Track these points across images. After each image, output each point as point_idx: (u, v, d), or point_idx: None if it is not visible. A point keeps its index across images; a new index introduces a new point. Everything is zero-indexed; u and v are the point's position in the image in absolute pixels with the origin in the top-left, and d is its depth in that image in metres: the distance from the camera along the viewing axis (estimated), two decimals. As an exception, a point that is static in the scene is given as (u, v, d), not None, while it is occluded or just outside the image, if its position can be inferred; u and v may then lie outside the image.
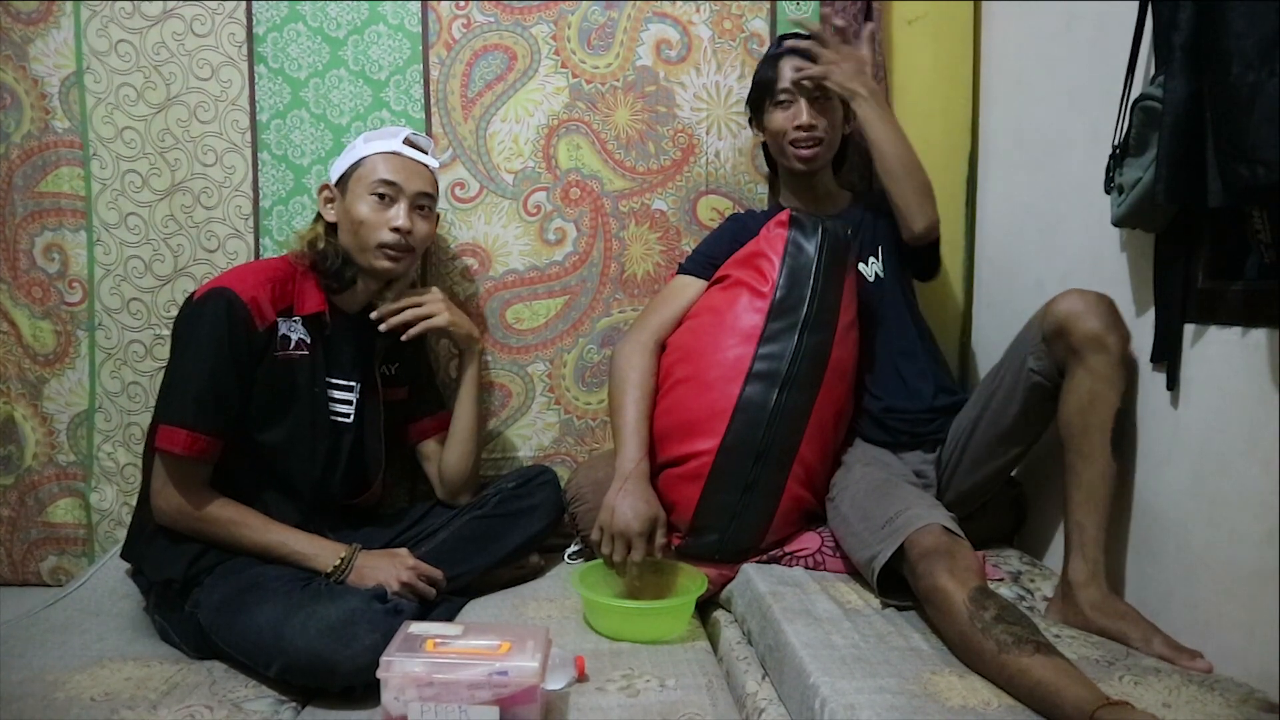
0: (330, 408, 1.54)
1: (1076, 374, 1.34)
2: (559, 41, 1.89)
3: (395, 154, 1.56)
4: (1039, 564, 1.55)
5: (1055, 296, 1.38)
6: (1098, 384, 1.32)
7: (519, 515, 1.63)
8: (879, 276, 1.75)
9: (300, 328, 1.49)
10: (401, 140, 1.57)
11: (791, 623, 1.27)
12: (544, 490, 1.69)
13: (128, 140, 1.86)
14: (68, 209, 1.89)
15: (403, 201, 1.53)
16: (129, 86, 1.85)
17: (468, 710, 1.04)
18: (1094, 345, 1.32)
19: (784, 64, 1.70)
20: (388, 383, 1.65)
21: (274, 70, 1.86)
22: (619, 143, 1.91)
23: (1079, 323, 1.32)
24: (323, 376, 1.52)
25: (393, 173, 1.53)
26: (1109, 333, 1.31)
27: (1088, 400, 1.33)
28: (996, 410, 1.49)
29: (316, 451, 1.50)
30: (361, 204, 1.52)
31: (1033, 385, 1.42)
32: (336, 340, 1.55)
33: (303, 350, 1.48)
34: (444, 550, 1.54)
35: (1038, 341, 1.40)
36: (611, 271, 1.93)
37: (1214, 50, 1.06)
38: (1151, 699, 1.04)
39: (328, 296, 1.54)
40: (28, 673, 1.20)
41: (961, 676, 1.11)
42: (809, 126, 1.67)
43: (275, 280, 1.47)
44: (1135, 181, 1.26)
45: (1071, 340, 1.33)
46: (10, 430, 1.94)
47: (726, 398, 1.52)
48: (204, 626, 1.28)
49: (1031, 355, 1.41)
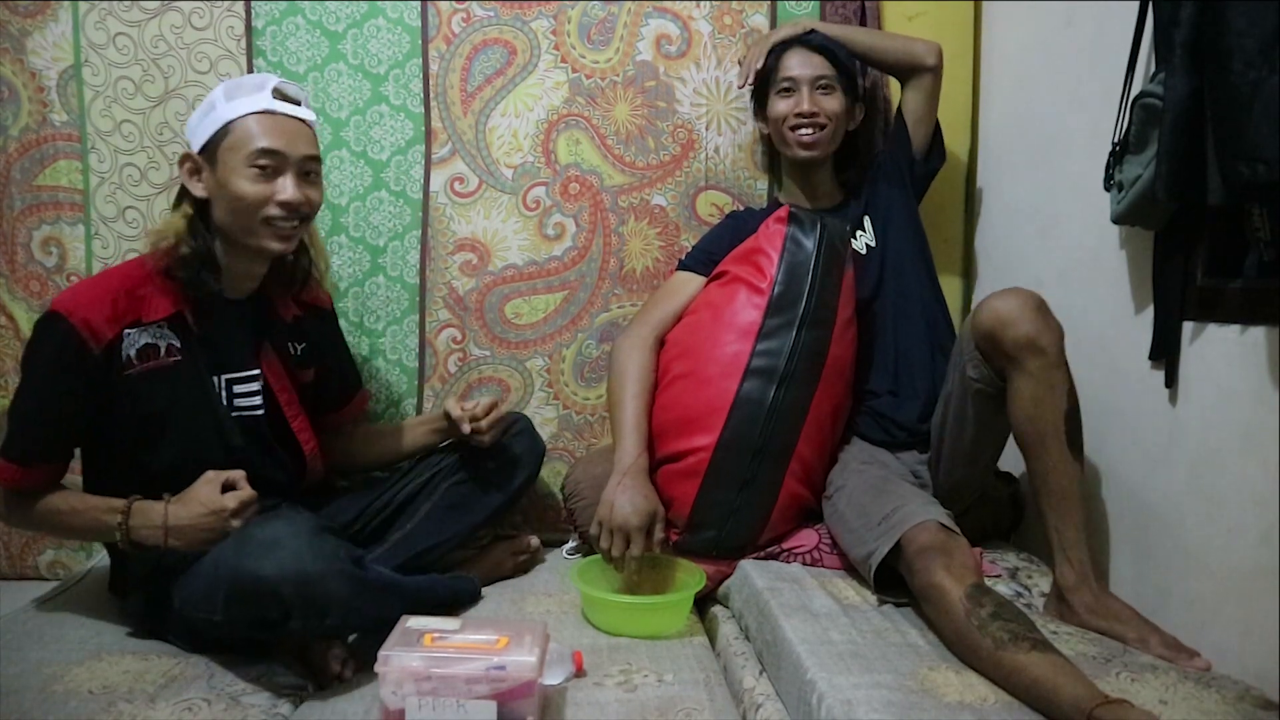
0: (233, 403, 1.40)
1: (1016, 381, 1.31)
2: (559, 36, 1.89)
3: (269, 113, 1.33)
4: (1036, 560, 1.55)
5: (983, 300, 1.35)
6: (1039, 389, 1.29)
7: (497, 472, 1.60)
8: (870, 247, 1.75)
9: (164, 333, 1.33)
10: (271, 93, 1.34)
11: (789, 618, 1.27)
12: (521, 440, 1.65)
13: (126, 134, 1.86)
14: (66, 202, 1.89)
15: (288, 171, 1.33)
16: (127, 80, 1.85)
17: (465, 705, 1.04)
18: (1028, 350, 1.28)
19: (787, 55, 1.72)
20: (297, 363, 1.51)
21: (273, 64, 1.86)
22: (618, 138, 1.91)
23: (1010, 329, 1.29)
24: (209, 375, 1.37)
25: (272, 138, 1.31)
26: (1041, 334, 1.28)
27: (1033, 406, 1.30)
28: (954, 420, 1.47)
29: (226, 455, 1.35)
30: (238, 179, 1.31)
31: (976, 393, 1.39)
32: (223, 331, 1.39)
33: (173, 356, 1.33)
34: (430, 523, 1.53)
35: (972, 349, 1.38)
36: (610, 267, 1.93)
37: (1215, 47, 1.06)
38: (1148, 696, 1.05)
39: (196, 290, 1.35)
40: (26, 666, 1.20)
41: (958, 672, 1.11)
42: (810, 113, 1.68)
43: (119, 291, 1.31)
44: (1135, 179, 1.26)
45: (1004, 347, 1.30)
46: (8, 424, 1.93)
47: (724, 394, 1.52)
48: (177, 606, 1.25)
49: (969, 364, 1.39)
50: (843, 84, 1.72)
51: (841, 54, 1.72)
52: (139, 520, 1.26)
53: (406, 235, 1.90)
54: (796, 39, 1.73)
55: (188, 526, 1.24)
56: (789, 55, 1.72)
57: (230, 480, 1.28)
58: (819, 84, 1.70)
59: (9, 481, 1.31)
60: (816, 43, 1.72)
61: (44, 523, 1.35)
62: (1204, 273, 1.24)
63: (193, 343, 1.36)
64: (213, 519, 1.23)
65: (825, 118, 1.70)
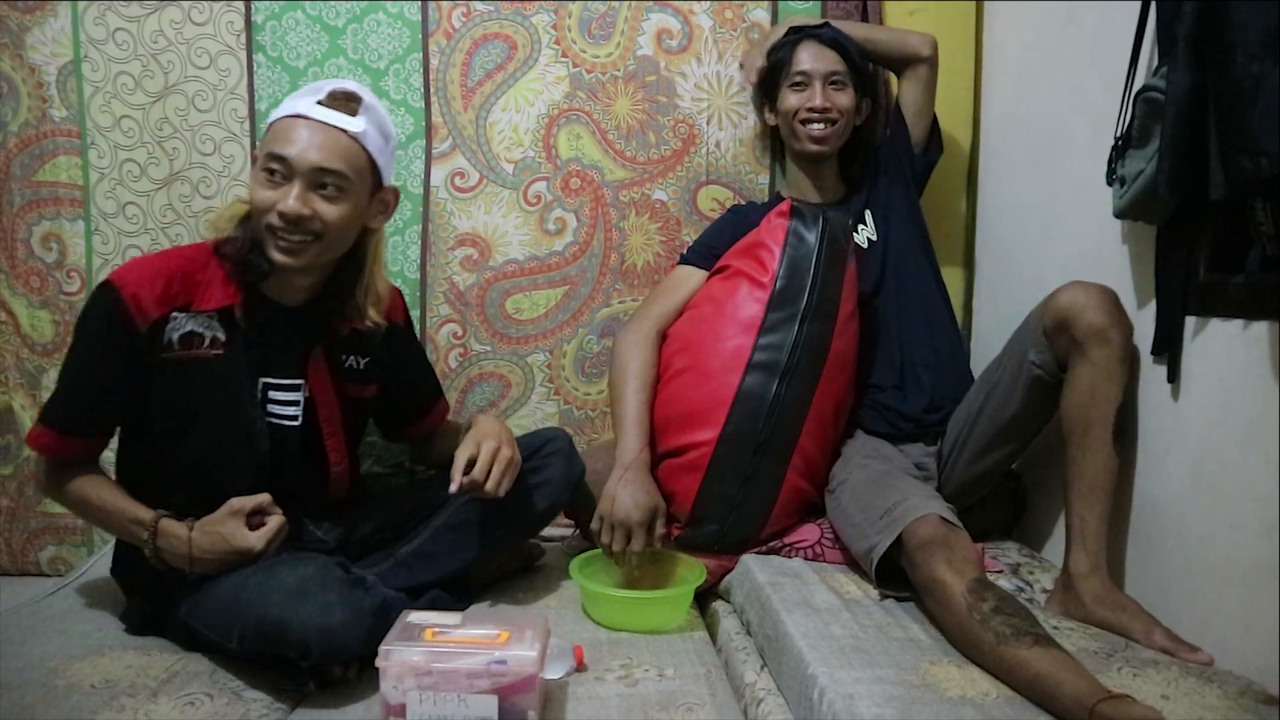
0: (267, 409, 1.35)
1: (1079, 367, 1.34)
2: (559, 31, 1.89)
3: (301, 117, 1.26)
4: (1038, 556, 1.55)
5: (1057, 289, 1.37)
6: (1099, 378, 1.32)
7: (526, 493, 1.46)
8: (872, 241, 1.75)
9: (213, 325, 1.30)
10: (317, 99, 1.28)
11: (790, 613, 1.27)
12: (555, 461, 1.49)
13: (126, 129, 1.86)
14: (65, 198, 1.89)
15: (296, 180, 1.25)
16: (127, 75, 1.85)
17: (466, 699, 1.04)
18: (1097, 339, 1.31)
19: (801, 48, 1.73)
20: (352, 377, 1.45)
21: (272, 59, 1.86)
22: (619, 133, 1.91)
23: (1082, 316, 1.32)
24: (248, 377, 1.33)
25: (286, 144, 1.25)
26: (1112, 326, 1.31)
27: (1089, 394, 1.32)
28: (997, 404, 1.49)
29: (251, 459, 1.33)
30: (254, 181, 1.28)
31: (1033, 379, 1.42)
32: (270, 336, 1.34)
33: (216, 350, 1.30)
34: (439, 538, 1.44)
35: (1039, 334, 1.40)
36: (612, 262, 1.93)
37: (1217, 41, 1.06)
38: (1150, 691, 1.04)
39: (250, 288, 1.32)
40: (28, 660, 1.20)
41: (960, 667, 1.11)
42: (823, 108, 1.69)
43: (175, 273, 1.29)
44: (1137, 174, 1.26)
45: (1074, 333, 1.33)
46: (9, 419, 1.94)
47: (726, 388, 1.52)
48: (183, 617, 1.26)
49: (1033, 348, 1.41)
50: (854, 80, 1.72)
51: (853, 50, 1.73)
52: (165, 543, 1.24)
53: (407, 230, 1.89)
54: (810, 33, 1.74)
55: (212, 560, 1.23)
56: (802, 49, 1.72)
57: (257, 506, 1.25)
58: (832, 79, 1.70)
59: (46, 449, 1.30)
60: (829, 37, 1.72)
61: (74, 507, 1.33)
62: (1206, 268, 1.24)
63: (238, 340, 1.32)
64: (237, 558, 1.22)
65: (837, 113, 1.70)
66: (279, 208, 1.24)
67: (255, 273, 1.30)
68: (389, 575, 1.38)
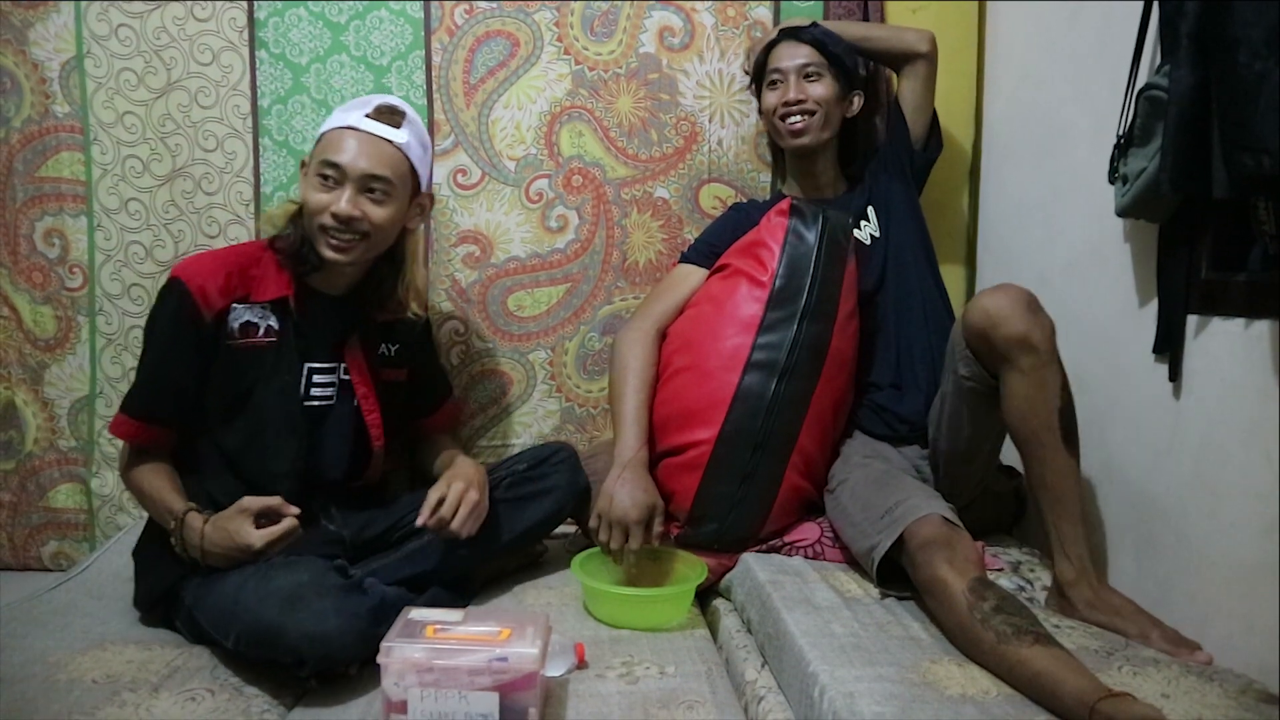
0: (310, 392, 1.45)
1: (1009, 379, 1.31)
2: (562, 28, 1.89)
3: (351, 129, 1.40)
4: (1038, 554, 1.54)
5: (972, 300, 1.35)
6: (1031, 387, 1.29)
7: (530, 499, 1.55)
8: (874, 238, 1.76)
9: (267, 314, 1.41)
10: (365, 113, 1.41)
11: (791, 611, 1.27)
12: (560, 471, 1.58)
13: (128, 125, 1.86)
14: (68, 194, 1.89)
15: (348, 185, 1.38)
16: (129, 71, 1.85)
17: (467, 696, 1.04)
18: (1020, 348, 1.28)
19: (777, 47, 1.74)
20: (386, 363, 1.56)
21: (275, 55, 1.86)
22: (621, 130, 1.91)
23: (1000, 328, 1.29)
24: (295, 363, 1.43)
25: (339, 153, 1.38)
26: (1032, 331, 1.27)
27: (1026, 404, 1.30)
28: (950, 419, 1.47)
29: (290, 440, 1.42)
30: (308, 186, 1.41)
31: (969, 391, 1.40)
32: (312, 324, 1.45)
33: (270, 338, 1.41)
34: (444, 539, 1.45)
35: (963, 348, 1.38)
36: (613, 259, 1.93)
37: (1220, 39, 1.06)
38: (1150, 690, 1.04)
39: (300, 280, 1.44)
40: (30, 654, 1.21)
41: (960, 665, 1.11)
42: (797, 100, 1.70)
43: (235, 267, 1.40)
44: (1139, 172, 1.25)
45: (996, 346, 1.30)
46: (11, 415, 1.94)
47: (725, 387, 1.52)
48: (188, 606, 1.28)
49: (960, 363, 1.39)
50: (833, 71, 1.72)
51: (831, 43, 1.72)
52: (186, 534, 1.29)
53: (409, 227, 1.89)
54: (787, 32, 1.75)
55: (219, 554, 1.27)
56: (777, 49, 1.75)
57: (266, 507, 1.28)
58: (805, 72, 1.71)
59: (128, 436, 1.38)
60: (804, 36, 1.73)
61: (134, 492, 1.41)
62: (1208, 266, 1.24)
63: (289, 329, 1.42)
64: (239, 554, 1.25)
65: (813, 104, 1.70)
66: (333, 209, 1.37)
67: (307, 265, 1.42)
68: (394, 567, 1.42)
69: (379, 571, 1.37)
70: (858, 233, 1.73)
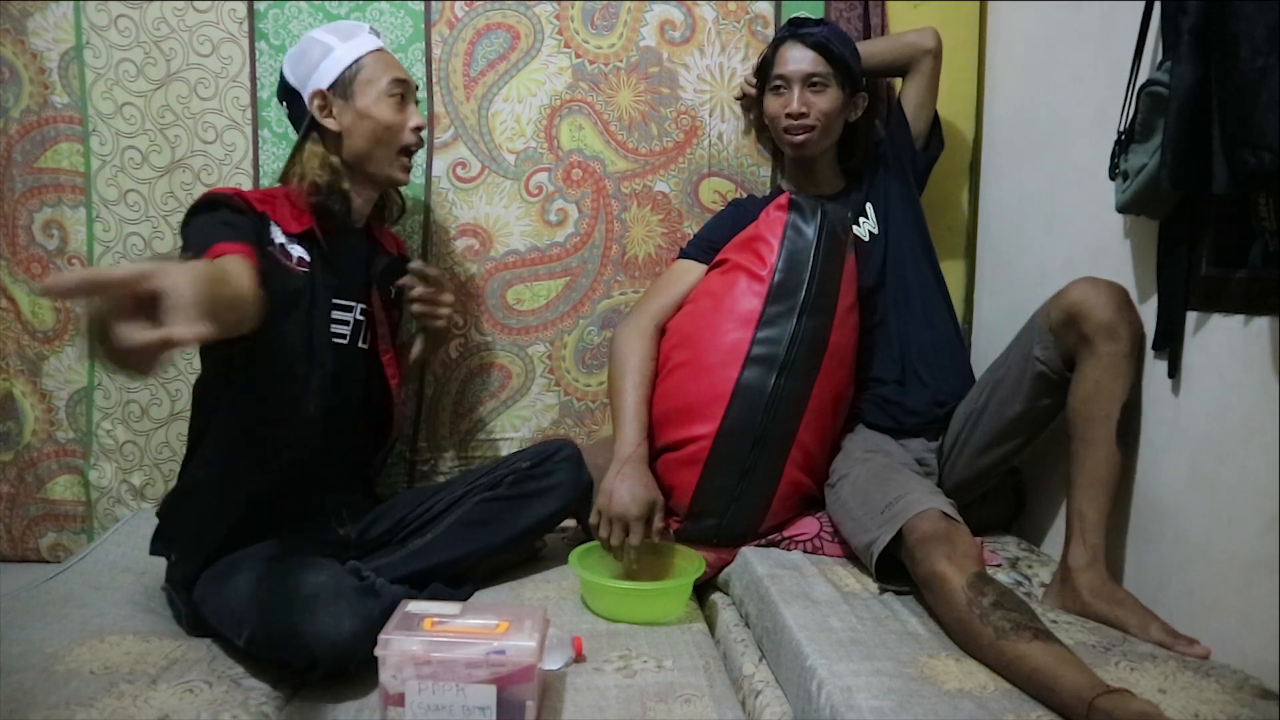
0: (332, 329, 1.44)
1: (1086, 363, 1.34)
2: (562, 21, 1.88)
3: (383, 50, 1.50)
4: (1037, 550, 1.55)
5: (1068, 284, 1.37)
6: (1105, 374, 1.32)
7: (532, 496, 1.53)
8: (873, 234, 1.75)
9: (297, 245, 1.40)
10: (373, 36, 1.50)
11: (789, 605, 1.28)
12: (563, 469, 1.55)
13: (128, 116, 1.85)
14: (67, 185, 1.88)
15: (410, 100, 1.48)
16: (129, 62, 1.84)
17: (465, 689, 1.04)
18: (1105, 334, 1.31)
19: (784, 49, 1.71)
20: (389, 305, 1.59)
21: (275, 47, 1.85)
22: (621, 124, 1.90)
23: (1092, 311, 1.32)
24: (326, 298, 1.42)
25: (397, 70, 1.47)
26: (1121, 322, 1.31)
27: (1094, 389, 1.32)
28: (1001, 401, 1.49)
29: (317, 376, 1.38)
30: (381, 108, 1.45)
31: (1038, 375, 1.41)
32: (345, 259, 1.47)
33: (304, 267, 1.39)
34: (449, 535, 1.47)
35: (1045, 330, 1.40)
36: (613, 253, 1.92)
37: (1222, 35, 1.05)
38: (1147, 685, 1.05)
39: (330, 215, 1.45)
40: (27, 645, 1.20)
41: (958, 660, 1.12)
42: (799, 114, 1.68)
43: (254, 197, 1.39)
44: (1140, 168, 1.25)
45: (1083, 328, 1.33)
46: (9, 407, 1.94)
47: (724, 382, 1.52)
48: (195, 600, 1.27)
49: (1038, 344, 1.41)
50: (837, 79, 1.69)
51: (836, 47, 1.69)
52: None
53: (408, 220, 1.89)
54: (794, 32, 1.72)
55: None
56: (783, 50, 1.71)
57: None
58: (811, 81, 1.68)
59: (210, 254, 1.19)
60: (812, 38, 1.70)
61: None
62: (1208, 263, 1.24)
63: (317, 262, 1.41)
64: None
65: (815, 118, 1.68)
66: (414, 124, 1.47)
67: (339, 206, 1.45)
68: (399, 563, 1.42)
69: (382, 570, 1.36)
70: (856, 229, 1.73)
